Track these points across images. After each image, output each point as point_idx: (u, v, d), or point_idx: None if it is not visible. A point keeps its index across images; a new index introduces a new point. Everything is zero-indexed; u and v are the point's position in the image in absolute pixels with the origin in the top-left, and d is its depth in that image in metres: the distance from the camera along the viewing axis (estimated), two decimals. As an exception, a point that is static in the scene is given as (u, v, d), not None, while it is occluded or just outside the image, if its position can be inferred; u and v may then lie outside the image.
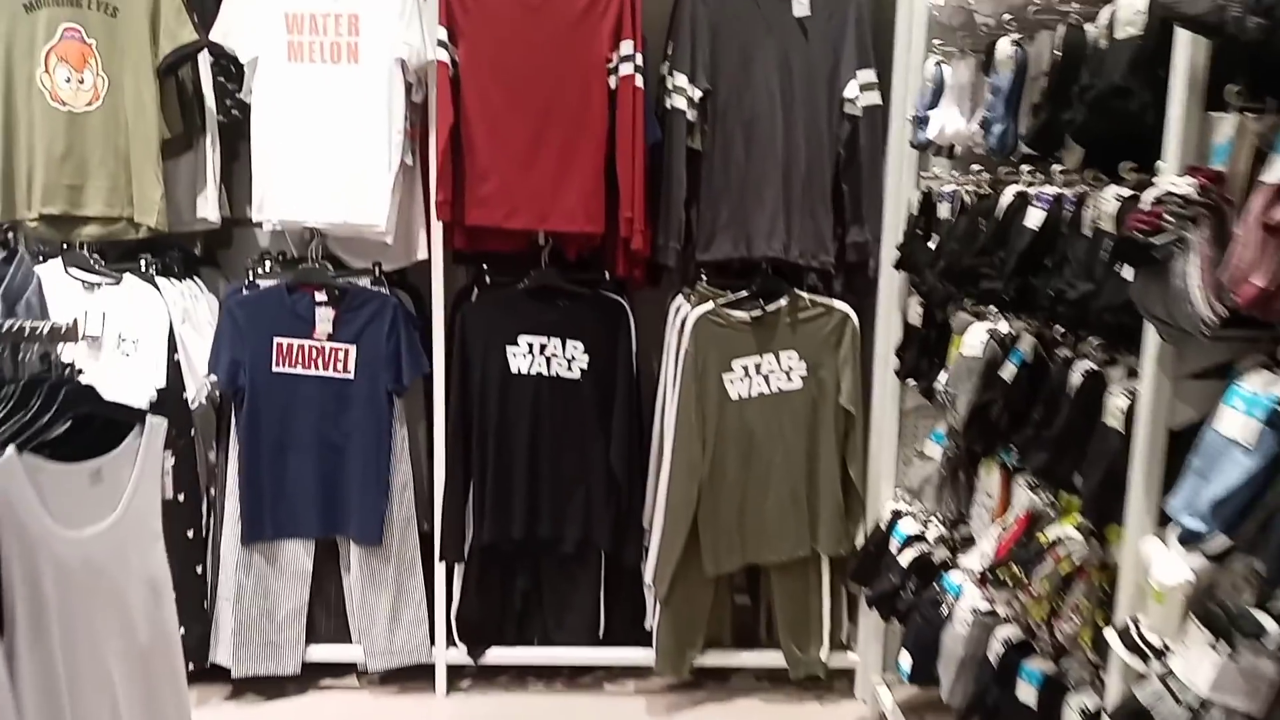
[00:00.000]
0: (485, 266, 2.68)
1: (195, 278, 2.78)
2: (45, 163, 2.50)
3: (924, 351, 2.33)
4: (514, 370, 2.64)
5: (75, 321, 1.41)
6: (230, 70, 2.63)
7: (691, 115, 2.49)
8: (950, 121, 2.14)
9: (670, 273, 2.63)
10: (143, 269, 2.60)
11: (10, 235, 1.63)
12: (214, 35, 2.51)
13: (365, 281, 2.66)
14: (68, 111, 2.49)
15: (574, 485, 2.67)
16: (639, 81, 2.45)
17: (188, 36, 2.49)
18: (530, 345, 2.64)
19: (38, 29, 2.46)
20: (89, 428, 1.52)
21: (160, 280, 2.61)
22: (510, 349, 2.64)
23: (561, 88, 2.45)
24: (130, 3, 2.46)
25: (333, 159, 2.51)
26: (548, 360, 2.65)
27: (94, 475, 1.47)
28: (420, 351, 2.66)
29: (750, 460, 2.61)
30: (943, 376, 2.04)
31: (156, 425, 1.55)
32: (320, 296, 2.63)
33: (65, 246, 2.57)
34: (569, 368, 2.66)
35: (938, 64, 2.23)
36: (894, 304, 2.50)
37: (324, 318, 2.63)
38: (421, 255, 2.66)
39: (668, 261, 2.56)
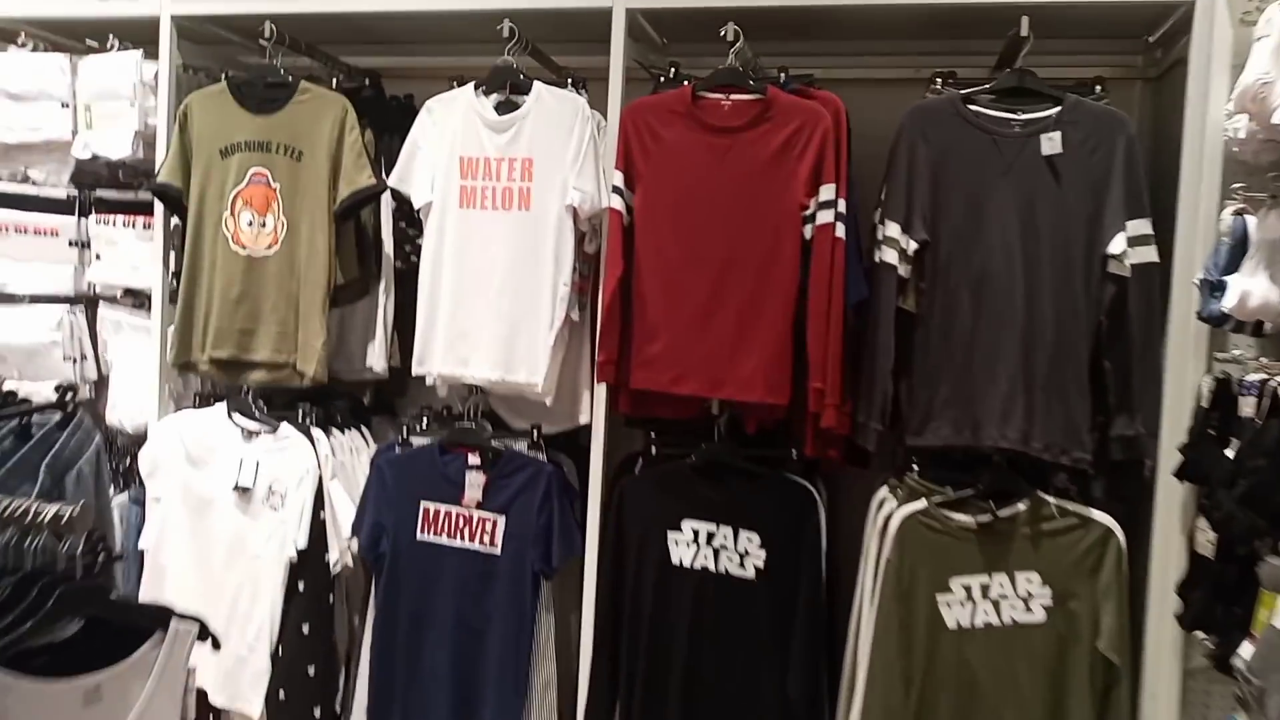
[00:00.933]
0: (653, 434, 2.32)
1: (363, 429, 2.62)
2: (221, 306, 2.45)
3: (1218, 595, 1.69)
4: (675, 561, 2.22)
5: (83, 507, 1.17)
6: (413, 216, 2.52)
7: (904, 270, 2.04)
8: (1256, 289, 1.60)
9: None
10: (299, 418, 2.46)
11: (70, 397, 1.46)
12: (391, 180, 2.40)
13: (523, 445, 2.38)
14: (247, 255, 2.45)
15: (740, 716, 2.16)
16: (840, 231, 2.05)
17: (365, 181, 2.40)
18: (696, 533, 2.22)
19: (230, 173, 2.45)
20: (100, 632, 1.25)
21: (318, 432, 2.46)
22: (672, 535, 2.23)
23: (747, 237, 2.10)
24: (314, 146, 2.41)
25: (495, 311, 2.28)
26: (716, 552, 2.21)
27: (90, 694, 1.18)
28: (574, 529, 2.31)
29: (971, 712, 2.00)
30: (1246, 650, 1.41)
31: (183, 632, 1.26)
32: (473, 459, 2.36)
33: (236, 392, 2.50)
34: (741, 564, 2.20)
35: (1238, 214, 1.70)
36: (1175, 523, 1.87)
37: (474, 483, 2.36)
38: (585, 419, 2.35)
39: (868, 444, 2.08)
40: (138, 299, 2.70)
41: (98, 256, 2.72)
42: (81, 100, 2.62)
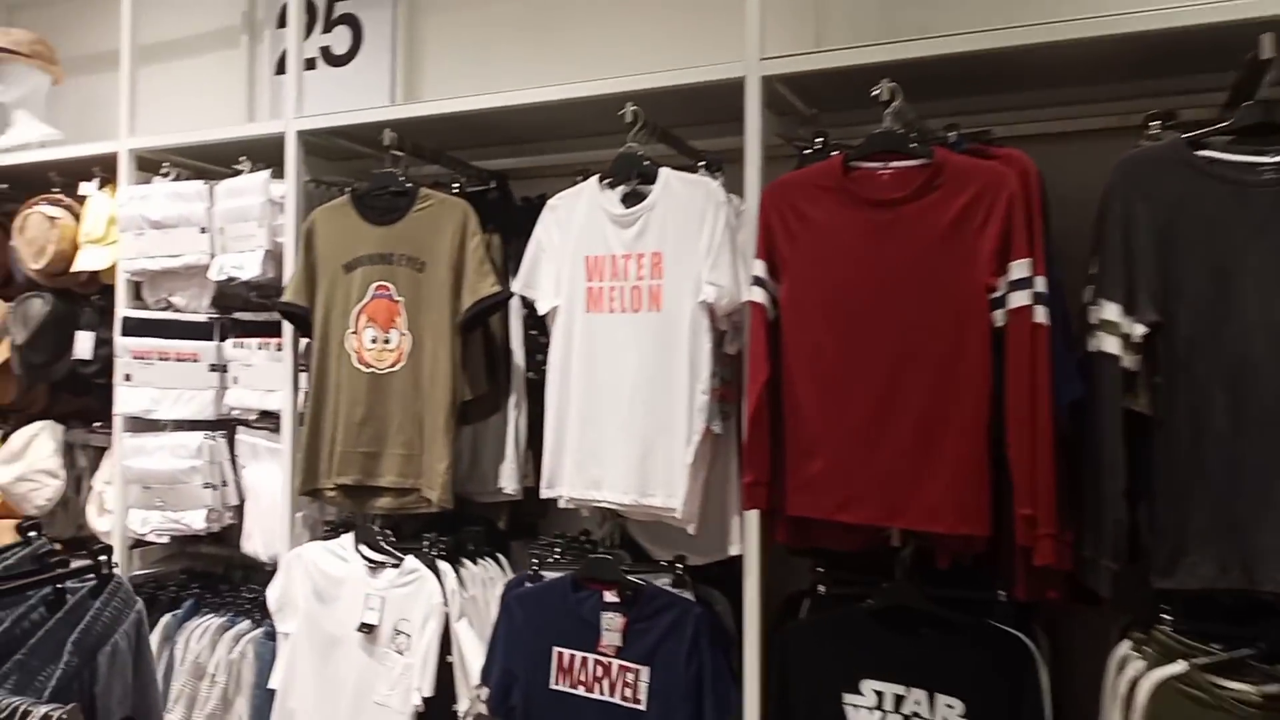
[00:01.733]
0: (820, 569, 1.94)
1: (499, 557, 2.38)
2: (345, 429, 2.29)
3: None
4: (854, 731, 1.81)
5: (71, 710, 0.93)
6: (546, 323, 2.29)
7: (1130, 362, 1.61)
8: None
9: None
10: (425, 549, 2.24)
11: (105, 559, 1.27)
12: (516, 285, 2.19)
13: (667, 580, 2.05)
14: (370, 373, 2.29)
15: None
16: (1041, 315, 1.64)
17: (489, 289, 2.20)
18: (880, 697, 1.80)
19: (353, 288, 2.32)
20: None
21: (444, 565, 2.23)
22: (849, 699, 1.82)
23: (922, 328, 1.72)
24: (436, 255, 2.25)
25: (626, 425, 1.99)
26: (905, 722, 1.78)
27: None
28: (730, 684, 1.94)
29: None
30: None
31: None
32: (610, 596, 2.05)
33: (361, 521, 2.32)
34: (939, 738, 1.76)
35: None
36: None
37: (612, 625, 2.04)
38: (736, 550, 2.00)
39: (1098, 587, 1.62)
40: (272, 422, 2.60)
41: (235, 380, 2.65)
42: (217, 224, 2.59)
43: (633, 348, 1.99)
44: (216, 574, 2.88)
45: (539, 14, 2.73)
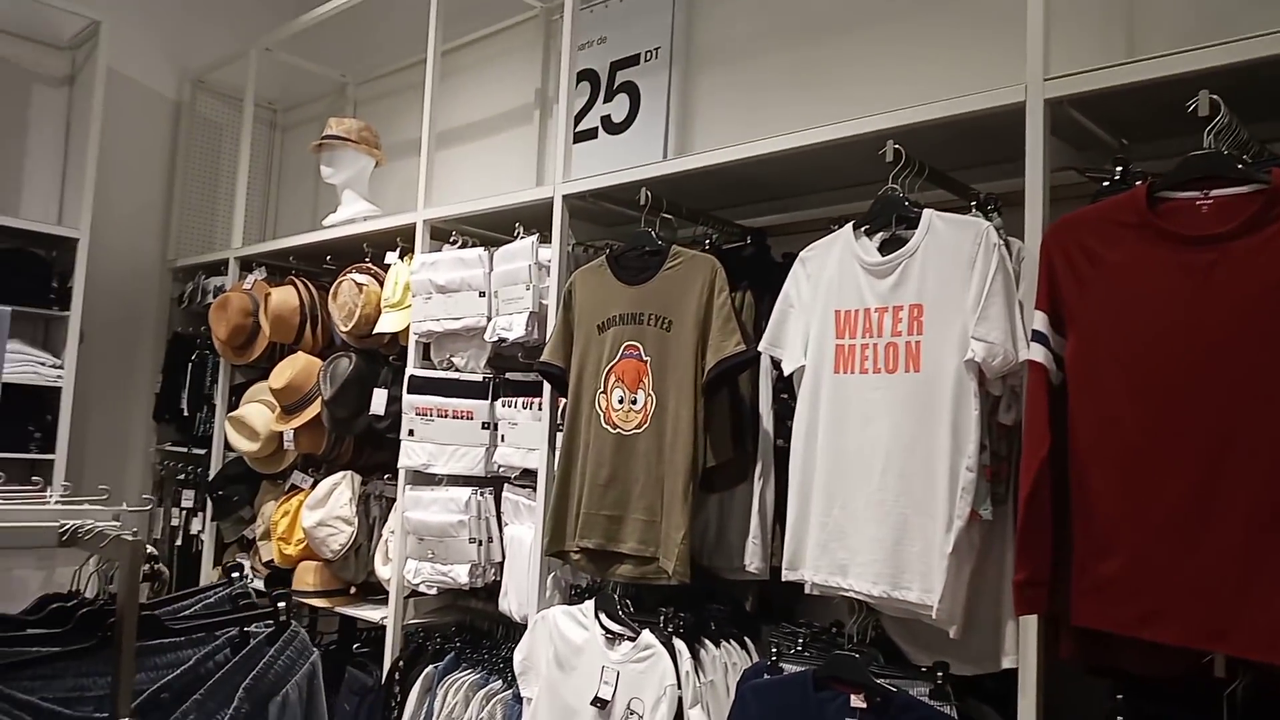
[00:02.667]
0: (1120, 697, 1.54)
1: (745, 640, 2.19)
2: (590, 490, 2.24)
3: None
4: None
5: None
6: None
7: None
8: None
9: None
10: (661, 625, 2.10)
11: (283, 605, 1.24)
12: (762, 344, 2.03)
13: (924, 690, 1.74)
14: (617, 434, 2.22)
15: None
16: None
17: (733, 348, 2.06)
18: None
19: (605, 348, 2.28)
20: None
21: (680, 644, 2.07)
22: None
23: (1256, 399, 1.34)
24: (683, 313, 2.15)
25: (877, 504, 1.74)
26: None
27: None
28: (999, 828, 1.59)
29: None
30: None
31: None
32: (856, 701, 1.78)
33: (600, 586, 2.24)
34: None
35: None
36: None
37: (858, 735, 1.77)
38: (1009, 663, 1.66)
39: None
40: (532, 480, 2.62)
41: (503, 438, 2.71)
42: (493, 287, 2.69)
43: (886, 413, 1.75)
44: (482, 629, 2.93)
45: (811, 62, 2.61)
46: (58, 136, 3.83)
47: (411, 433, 2.87)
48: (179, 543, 3.80)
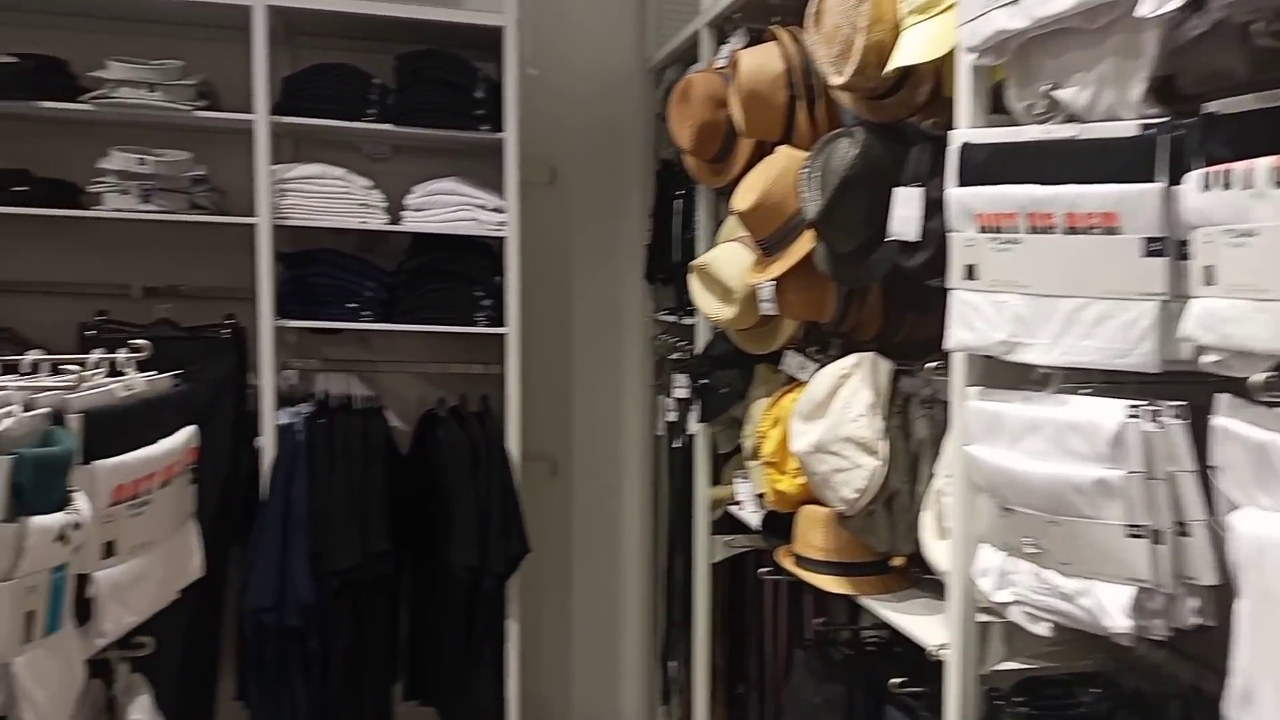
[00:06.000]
0: None
1: None
2: None
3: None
4: None
5: None
6: None
7: None
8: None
9: None
10: None
11: None
12: None
13: None
14: None
15: None
16: None
17: None
18: None
19: None
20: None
21: None
22: None
23: None
24: None
25: None
26: None
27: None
28: None
29: None
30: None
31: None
32: None
33: None
34: None
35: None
36: None
37: None
38: None
39: None
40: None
41: (1209, 276, 1.00)
42: None
43: None
44: (1159, 695, 1.32)
45: None
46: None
47: (971, 271, 1.30)
48: (676, 444, 2.74)
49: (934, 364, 1.57)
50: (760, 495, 2.12)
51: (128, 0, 2.47)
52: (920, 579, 1.78)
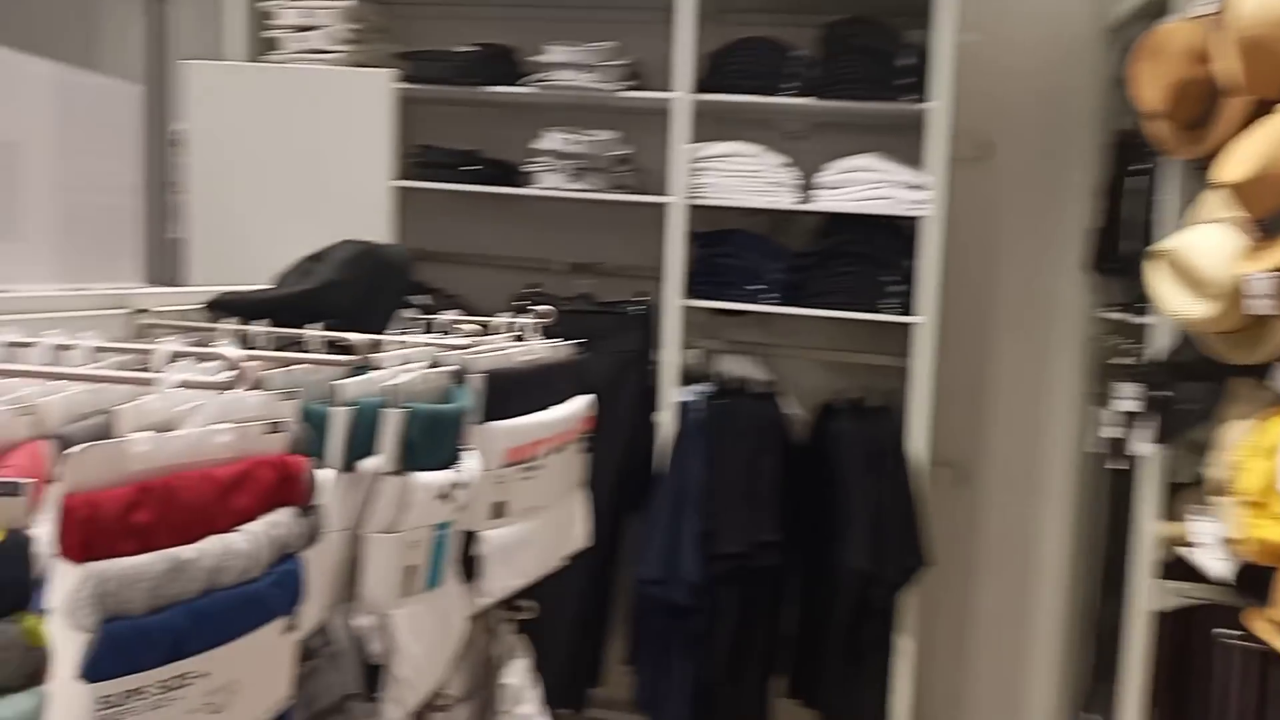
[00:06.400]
0: None
1: None
2: None
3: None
4: None
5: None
6: None
7: None
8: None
9: None
10: None
11: None
12: None
13: None
14: None
15: None
16: None
17: None
18: None
19: None
20: None
21: None
22: None
23: None
24: None
25: None
26: None
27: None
28: None
29: None
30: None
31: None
32: None
33: None
34: None
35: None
36: None
37: None
38: None
39: None
40: None
41: None
42: None
43: None
44: None
45: None
46: None
47: None
48: (1115, 465, 2.32)
49: None
50: (1229, 540, 1.70)
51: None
52: None
